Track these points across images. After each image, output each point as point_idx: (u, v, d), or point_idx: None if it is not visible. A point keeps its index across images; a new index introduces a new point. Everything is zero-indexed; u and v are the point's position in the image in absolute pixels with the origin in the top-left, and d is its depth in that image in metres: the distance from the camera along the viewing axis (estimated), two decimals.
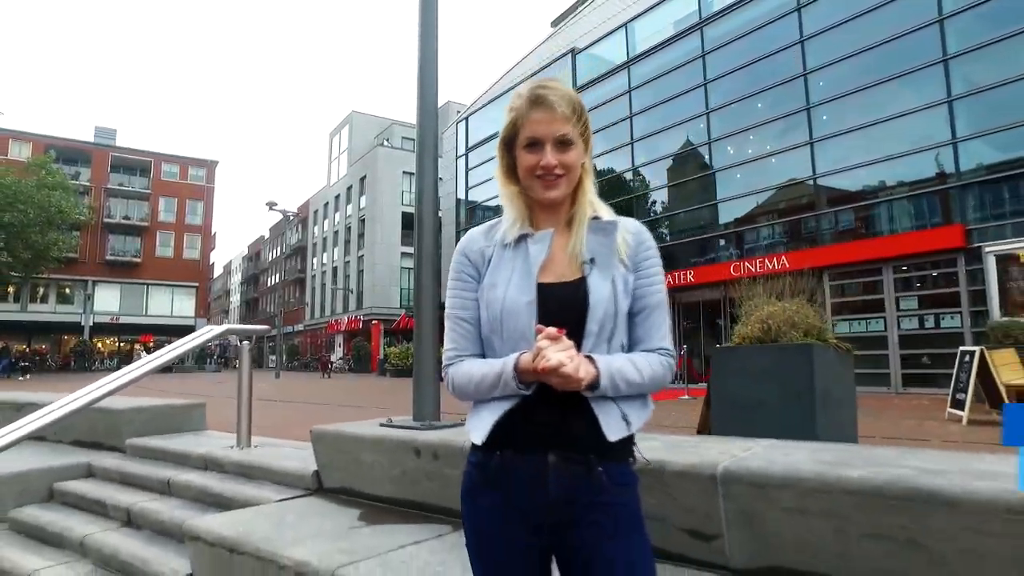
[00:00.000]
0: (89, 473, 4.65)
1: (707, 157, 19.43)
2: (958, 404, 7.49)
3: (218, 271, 79.33)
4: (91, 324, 43.80)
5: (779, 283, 5.43)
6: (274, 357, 39.60)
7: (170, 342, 4.67)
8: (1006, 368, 7.92)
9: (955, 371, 7.81)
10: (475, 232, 1.36)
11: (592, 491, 1.18)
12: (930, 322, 13.34)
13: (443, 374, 1.32)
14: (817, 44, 16.27)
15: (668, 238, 20.57)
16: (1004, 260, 10.41)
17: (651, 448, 2.40)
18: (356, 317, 41.89)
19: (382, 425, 3.50)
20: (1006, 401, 7.17)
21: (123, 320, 45.53)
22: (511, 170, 1.32)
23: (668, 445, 2.50)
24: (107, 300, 45.76)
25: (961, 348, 8.12)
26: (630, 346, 1.28)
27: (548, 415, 1.19)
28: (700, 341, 18.84)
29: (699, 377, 15.46)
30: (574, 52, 24.62)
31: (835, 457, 2.12)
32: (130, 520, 3.80)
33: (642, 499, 1.27)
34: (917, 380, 12.28)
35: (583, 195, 1.31)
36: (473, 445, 1.26)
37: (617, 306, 1.23)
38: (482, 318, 1.27)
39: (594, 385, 1.15)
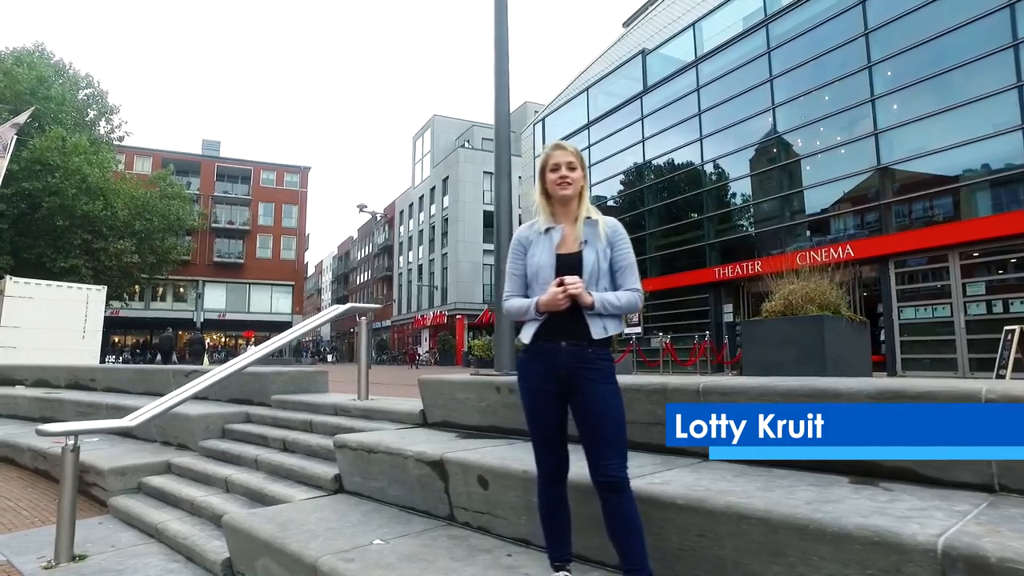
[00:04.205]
0: (248, 419, 6.07)
1: (775, 151, 19.69)
2: (1000, 379, 7.88)
3: (311, 270, 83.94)
4: (202, 320, 48.11)
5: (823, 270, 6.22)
6: None
7: (269, 338, 6.02)
8: None
9: (999, 349, 8.18)
10: (523, 227, 2.45)
11: (585, 360, 2.23)
12: (998, 307, 13.32)
13: (503, 304, 2.42)
14: (880, 35, 16.33)
15: (743, 229, 20.92)
16: None
17: (663, 378, 3.45)
18: (441, 312, 43.88)
19: (471, 374, 4.66)
20: None
21: (228, 317, 49.80)
22: (544, 191, 2.39)
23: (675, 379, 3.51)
24: (215, 298, 50.33)
25: (1006, 327, 8.44)
26: (615, 288, 2.33)
27: (562, 324, 2.24)
28: None
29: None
30: (644, 53, 25.18)
31: (768, 380, 3.08)
32: (286, 447, 5.13)
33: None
34: (986, 365, 12.28)
35: (583, 205, 2.37)
36: (524, 344, 2.35)
37: (599, 266, 2.28)
38: (527, 273, 2.35)
39: (592, 305, 2.21)
